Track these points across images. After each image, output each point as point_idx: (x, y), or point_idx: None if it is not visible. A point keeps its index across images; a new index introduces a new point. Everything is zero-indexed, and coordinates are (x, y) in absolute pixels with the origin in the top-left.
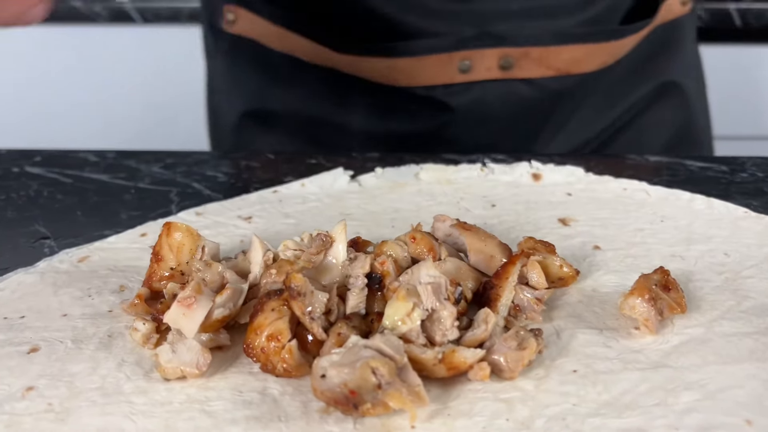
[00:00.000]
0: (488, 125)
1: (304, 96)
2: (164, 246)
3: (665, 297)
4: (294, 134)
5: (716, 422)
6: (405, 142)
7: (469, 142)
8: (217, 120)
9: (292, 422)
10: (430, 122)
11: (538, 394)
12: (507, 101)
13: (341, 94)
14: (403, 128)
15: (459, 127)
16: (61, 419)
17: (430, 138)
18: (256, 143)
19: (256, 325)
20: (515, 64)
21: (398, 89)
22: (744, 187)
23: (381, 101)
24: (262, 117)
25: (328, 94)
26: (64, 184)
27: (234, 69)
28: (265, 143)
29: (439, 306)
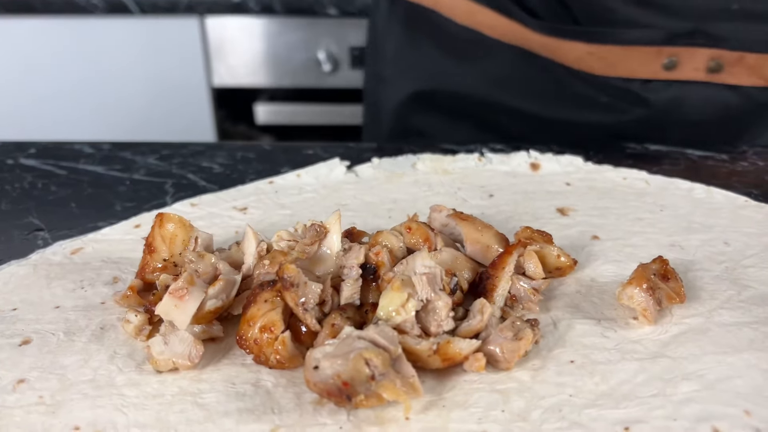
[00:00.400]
0: (681, 127)
1: (484, 77)
2: (157, 237)
3: (664, 287)
4: (464, 119)
5: (715, 413)
6: (590, 135)
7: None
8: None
9: (286, 414)
10: (621, 116)
11: (535, 385)
12: (706, 106)
13: (527, 78)
14: (591, 120)
15: (650, 126)
16: (52, 412)
17: (618, 133)
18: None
19: (249, 316)
20: (725, 68)
21: (592, 78)
22: (744, 175)
23: (570, 89)
24: (432, 98)
25: (511, 78)
26: (58, 176)
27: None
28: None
29: (434, 296)
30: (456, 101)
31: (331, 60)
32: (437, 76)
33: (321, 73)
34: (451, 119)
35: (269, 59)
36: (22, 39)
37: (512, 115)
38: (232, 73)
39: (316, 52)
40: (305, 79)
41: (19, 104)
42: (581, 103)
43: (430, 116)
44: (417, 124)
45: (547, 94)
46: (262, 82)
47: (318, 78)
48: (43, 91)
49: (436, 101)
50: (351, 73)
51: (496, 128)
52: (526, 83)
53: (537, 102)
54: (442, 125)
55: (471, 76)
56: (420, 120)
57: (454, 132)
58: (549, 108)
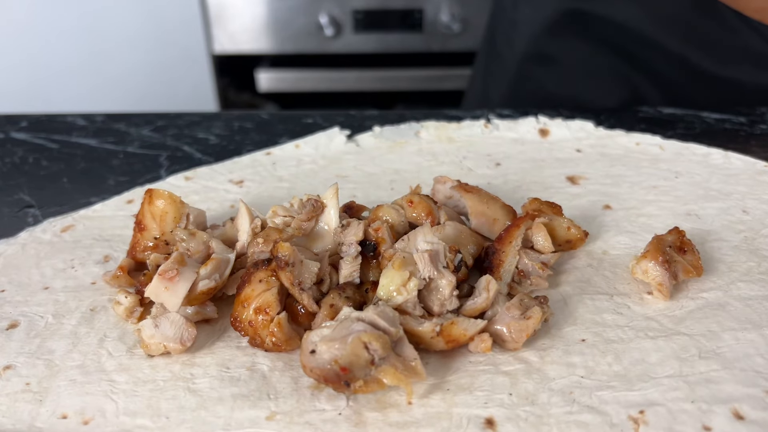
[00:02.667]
0: None
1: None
2: (147, 215)
3: (680, 259)
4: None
5: (734, 394)
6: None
7: None
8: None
9: (282, 400)
10: None
11: (544, 366)
12: None
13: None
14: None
15: None
16: (39, 399)
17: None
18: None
19: (244, 297)
20: None
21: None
22: (763, 139)
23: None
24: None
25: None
26: (50, 149)
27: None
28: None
29: (437, 274)
30: (608, 31)
31: (333, 24)
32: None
33: (323, 38)
34: (597, 51)
35: (270, 24)
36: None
37: (671, 61)
38: (233, 39)
39: (317, 16)
40: (307, 44)
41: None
42: (752, 60)
43: (575, 43)
44: (557, 52)
45: (717, 44)
46: (263, 48)
47: (321, 43)
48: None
49: (585, 26)
50: (355, 38)
51: (644, 70)
52: (696, 27)
53: (702, 51)
54: (586, 57)
55: (634, 6)
56: (561, 46)
57: (596, 67)
58: (714, 60)
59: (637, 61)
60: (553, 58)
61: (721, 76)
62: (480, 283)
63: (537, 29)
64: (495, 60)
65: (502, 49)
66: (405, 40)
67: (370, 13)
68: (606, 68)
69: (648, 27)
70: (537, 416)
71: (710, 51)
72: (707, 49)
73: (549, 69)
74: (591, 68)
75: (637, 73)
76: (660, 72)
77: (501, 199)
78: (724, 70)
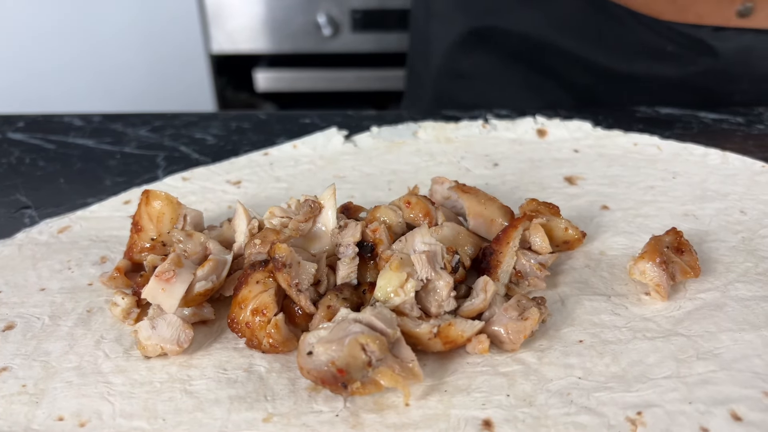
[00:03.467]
0: (749, 80)
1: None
2: (143, 216)
3: (678, 260)
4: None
5: (732, 395)
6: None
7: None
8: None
9: (279, 401)
10: (687, 68)
11: (541, 367)
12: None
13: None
14: (655, 71)
15: (716, 79)
16: (35, 401)
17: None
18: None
19: (241, 298)
20: None
21: (659, 24)
22: (761, 139)
23: (635, 36)
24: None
25: (575, 21)
26: (47, 150)
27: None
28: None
29: (434, 275)
30: (514, 42)
31: (331, 24)
32: (496, 13)
33: (321, 37)
34: (506, 64)
35: (268, 24)
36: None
37: (573, 63)
38: (231, 38)
39: (315, 15)
40: (305, 44)
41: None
42: (646, 53)
43: (485, 58)
44: (469, 67)
45: (611, 42)
46: (261, 48)
47: (318, 43)
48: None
49: (492, 41)
50: (353, 38)
51: (553, 76)
52: (591, 28)
53: (600, 50)
54: (496, 70)
55: (533, 16)
56: (473, 61)
57: (508, 78)
58: (612, 57)
59: (545, 68)
60: (465, 73)
61: (622, 72)
62: (477, 284)
63: (448, 46)
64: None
65: (418, 64)
66: (403, 39)
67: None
68: (517, 79)
69: (549, 34)
70: (535, 417)
71: (607, 49)
72: (605, 48)
73: (463, 84)
74: (503, 80)
75: (546, 80)
76: (568, 76)
77: (499, 199)
78: (622, 66)
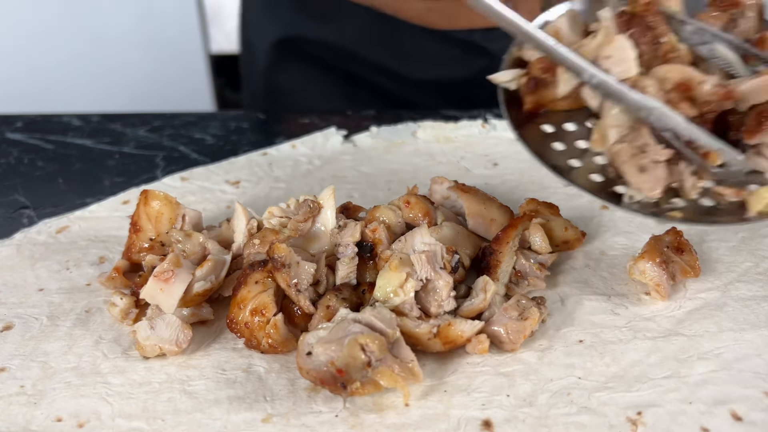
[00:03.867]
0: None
1: (341, 31)
2: (142, 215)
3: (678, 260)
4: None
5: (733, 395)
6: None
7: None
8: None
9: (278, 402)
10: (467, 69)
11: (542, 367)
12: None
13: (383, 36)
14: (444, 74)
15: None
16: (34, 402)
17: (465, 85)
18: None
19: (240, 298)
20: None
21: (437, 33)
22: None
23: (417, 44)
24: (296, 46)
25: (368, 35)
26: (45, 150)
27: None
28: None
29: (434, 275)
30: (322, 51)
31: None
32: (298, 27)
33: None
34: (320, 72)
35: None
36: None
37: (378, 71)
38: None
39: None
40: None
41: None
42: (433, 59)
43: (299, 67)
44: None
45: (403, 52)
46: None
47: None
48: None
49: (302, 50)
50: None
51: (364, 84)
52: (383, 41)
53: (395, 59)
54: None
55: (331, 31)
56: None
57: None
58: (406, 65)
59: (353, 77)
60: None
61: (422, 78)
62: (477, 284)
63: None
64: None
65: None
66: None
67: None
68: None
69: (352, 45)
70: (535, 418)
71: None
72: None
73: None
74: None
75: (355, 88)
76: (376, 83)
77: (498, 199)
78: (420, 72)
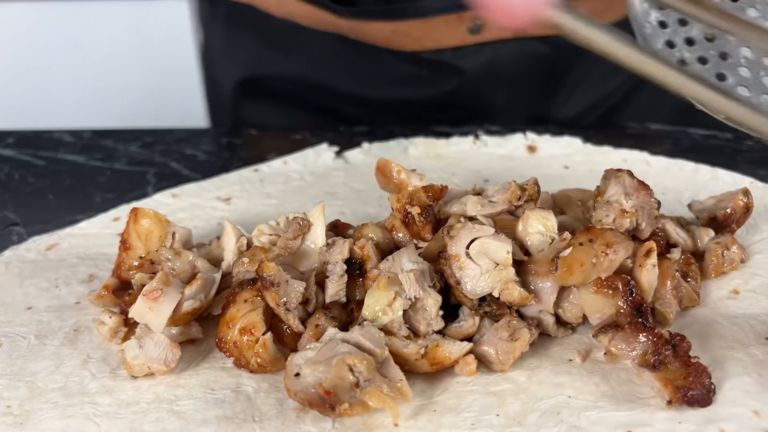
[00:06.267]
0: (501, 88)
1: (305, 62)
2: (132, 234)
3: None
4: (295, 103)
5: (722, 414)
6: (414, 110)
7: (482, 107)
8: (214, 90)
9: (267, 422)
10: (440, 88)
11: (531, 386)
12: (521, 61)
13: (344, 62)
14: (412, 96)
15: (471, 92)
16: (20, 423)
17: (440, 105)
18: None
19: (229, 317)
20: None
21: (405, 55)
22: (750, 155)
23: (387, 68)
24: (260, 84)
25: (330, 62)
26: (36, 166)
27: (231, 36)
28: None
29: (422, 294)
30: (283, 86)
31: None
32: (261, 65)
33: None
34: (283, 104)
35: None
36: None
37: (342, 98)
38: None
39: None
40: None
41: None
42: (402, 81)
43: (262, 102)
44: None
45: (369, 75)
46: None
47: None
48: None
49: (263, 87)
50: None
51: (329, 112)
52: (347, 66)
53: (361, 83)
54: (276, 111)
55: (294, 63)
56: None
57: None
58: (373, 88)
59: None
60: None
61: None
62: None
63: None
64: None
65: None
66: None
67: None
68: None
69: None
70: None
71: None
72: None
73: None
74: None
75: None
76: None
77: None
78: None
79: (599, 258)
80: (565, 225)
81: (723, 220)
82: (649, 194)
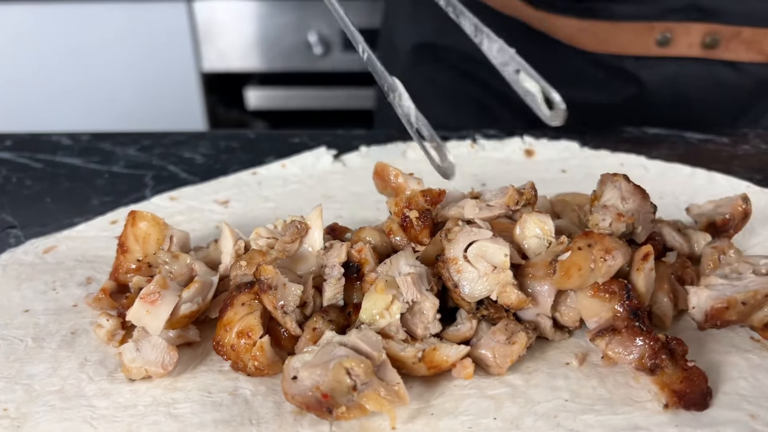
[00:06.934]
0: (679, 107)
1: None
2: (129, 236)
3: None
4: (464, 75)
5: (719, 418)
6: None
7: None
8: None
9: (264, 425)
10: (614, 95)
11: (528, 390)
12: (704, 84)
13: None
14: (586, 98)
15: (646, 104)
16: (17, 426)
17: (612, 113)
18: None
19: (226, 320)
20: (722, 44)
21: (585, 54)
22: (746, 159)
23: (563, 64)
24: (434, 51)
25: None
26: (34, 169)
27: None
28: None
29: (420, 297)
30: (458, 58)
31: (322, 43)
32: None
33: (312, 56)
34: (455, 77)
35: (259, 42)
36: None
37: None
38: (222, 57)
39: (306, 34)
40: (296, 62)
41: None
42: (577, 79)
43: (436, 69)
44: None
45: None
46: (252, 66)
47: (309, 61)
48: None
49: (439, 55)
50: (344, 56)
51: (496, 95)
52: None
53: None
54: (448, 81)
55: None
56: (427, 72)
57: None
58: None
59: (487, 86)
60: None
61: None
62: (462, 313)
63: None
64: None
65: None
66: None
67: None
68: (461, 93)
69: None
70: None
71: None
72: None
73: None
74: (448, 94)
75: (488, 97)
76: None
77: None
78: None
79: (597, 263)
80: (562, 229)
81: (721, 226)
82: (645, 198)
